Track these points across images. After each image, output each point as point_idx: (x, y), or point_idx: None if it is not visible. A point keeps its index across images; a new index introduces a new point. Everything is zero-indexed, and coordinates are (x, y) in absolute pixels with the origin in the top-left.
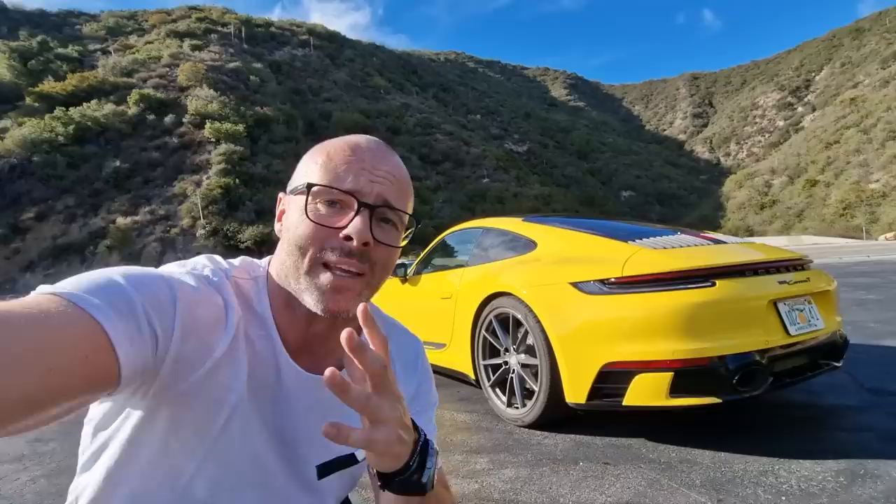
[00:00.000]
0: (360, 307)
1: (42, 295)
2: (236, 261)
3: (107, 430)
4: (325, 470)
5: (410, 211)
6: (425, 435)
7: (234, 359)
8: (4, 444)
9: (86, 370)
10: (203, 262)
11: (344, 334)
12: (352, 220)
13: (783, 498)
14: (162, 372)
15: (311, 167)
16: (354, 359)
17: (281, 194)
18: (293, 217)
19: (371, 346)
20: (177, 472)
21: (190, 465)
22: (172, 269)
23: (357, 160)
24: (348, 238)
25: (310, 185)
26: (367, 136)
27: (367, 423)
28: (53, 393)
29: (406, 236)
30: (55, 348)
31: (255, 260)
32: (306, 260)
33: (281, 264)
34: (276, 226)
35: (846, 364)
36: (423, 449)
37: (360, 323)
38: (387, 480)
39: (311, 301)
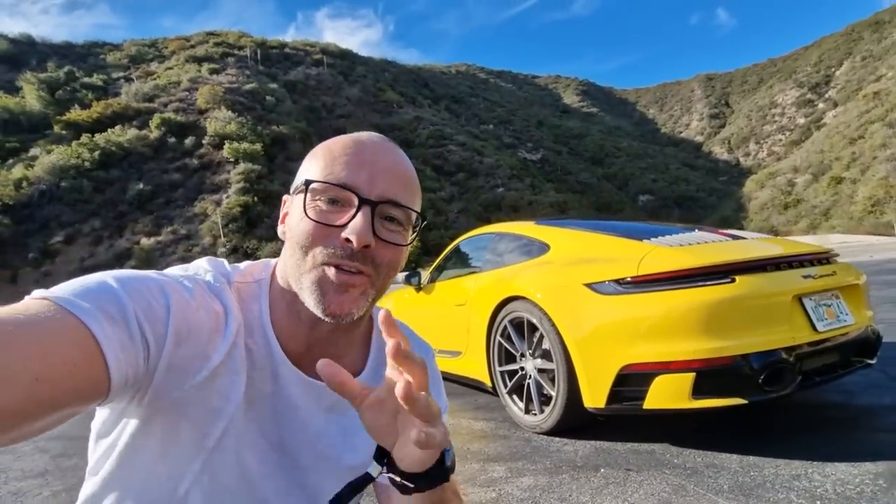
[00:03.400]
0: (382, 314)
1: (34, 300)
2: (243, 264)
3: (107, 438)
4: (338, 502)
5: (418, 208)
6: None
7: (232, 368)
8: (30, 460)
9: (74, 380)
10: (204, 267)
11: (390, 345)
12: (352, 219)
13: (818, 502)
14: (155, 380)
15: (311, 164)
16: (401, 367)
17: (285, 197)
18: (294, 216)
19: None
20: (174, 482)
21: (186, 476)
22: (173, 272)
23: (358, 155)
24: (348, 240)
25: (308, 182)
26: (371, 132)
27: (421, 423)
28: (41, 404)
29: (414, 235)
30: (44, 357)
31: (265, 260)
32: (308, 259)
33: (284, 265)
34: (280, 228)
35: (881, 363)
36: (442, 455)
37: (383, 330)
38: (417, 478)
39: (311, 302)
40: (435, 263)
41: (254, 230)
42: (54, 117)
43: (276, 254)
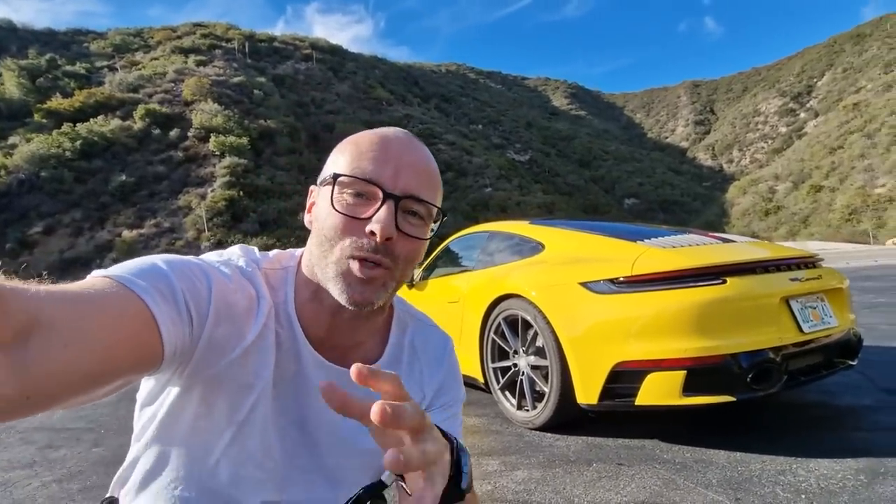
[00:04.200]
0: (354, 368)
1: (96, 278)
2: (271, 252)
3: (151, 407)
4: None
5: (439, 203)
6: (455, 440)
7: (263, 347)
8: (16, 450)
9: (136, 348)
10: (238, 253)
11: (375, 408)
12: (377, 212)
13: (803, 496)
14: (196, 354)
15: (339, 158)
16: (391, 427)
17: (312, 187)
18: (322, 208)
19: (389, 392)
20: (206, 452)
21: (217, 447)
22: (209, 257)
23: (383, 151)
24: (372, 233)
25: (336, 176)
26: (396, 128)
27: (409, 439)
28: (110, 369)
29: (433, 229)
30: (113, 327)
31: (292, 250)
32: (335, 250)
33: (310, 254)
34: (306, 217)
35: (859, 364)
36: (457, 457)
37: (359, 382)
38: None
39: (336, 291)
40: (427, 261)
41: (239, 225)
42: (34, 105)
43: (263, 249)
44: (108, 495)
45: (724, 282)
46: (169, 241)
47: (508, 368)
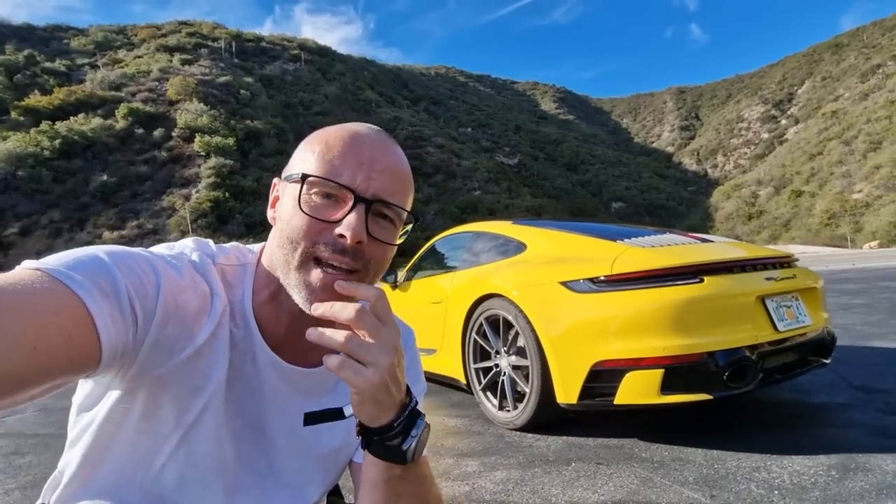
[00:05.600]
0: (336, 285)
1: (27, 270)
2: (228, 245)
3: (89, 412)
4: (311, 419)
5: (409, 207)
6: (416, 402)
7: (215, 348)
8: None
9: (69, 350)
10: (191, 246)
11: (308, 333)
12: (346, 216)
13: (776, 492)
14: (140, 356)
15: (307, 156)
16: (338, 324)
17: (276, 179)
18: (286, 207)
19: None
20: (151, 457)
21: (163, 450)
22: (160, 251)
23: (355, 152)
24: (342, 236)
25: (304, 176)
26: (368, 125)
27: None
28: (37, 372)
29: (403, 233)
30: (42, 327)
31: (249, 245)
32: (297, 254)
33: (272, 255)
34: (269, 212)
35: (834, 363)
36: (411, 414)
37: (341, 291)
38: (368, 439)
39: (299, 298)
40: (412, 261)
41: (224, 226)
42: (12, 102)
43: None
44: (39, 502)
45: (702, 281)
46: (152, 243)
47: (490, 369)
